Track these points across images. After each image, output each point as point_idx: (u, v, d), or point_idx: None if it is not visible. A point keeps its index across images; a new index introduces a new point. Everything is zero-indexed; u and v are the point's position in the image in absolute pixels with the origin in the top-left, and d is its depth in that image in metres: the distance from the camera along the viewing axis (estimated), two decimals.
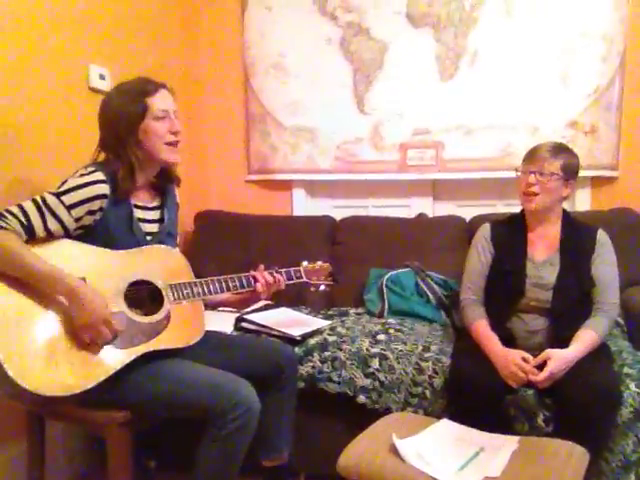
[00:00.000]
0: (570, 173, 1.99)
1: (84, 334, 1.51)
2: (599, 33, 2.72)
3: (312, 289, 2.05)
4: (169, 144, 1.72)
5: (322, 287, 2.06)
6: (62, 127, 2.24)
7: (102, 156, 1.74)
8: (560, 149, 1.99)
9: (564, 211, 2.08)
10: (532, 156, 2.00)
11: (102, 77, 2.43)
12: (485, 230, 2.15)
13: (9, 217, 1.51)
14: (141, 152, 1.70)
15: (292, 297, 2.60)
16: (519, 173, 2.04)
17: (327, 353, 2.09)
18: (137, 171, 1.70)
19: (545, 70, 2.78)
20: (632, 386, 1.79)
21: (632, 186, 2.79)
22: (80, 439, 2.27)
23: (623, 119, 2.76)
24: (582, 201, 2.88)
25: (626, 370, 1.87)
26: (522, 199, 2.02)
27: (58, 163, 2.18)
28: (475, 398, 1.77)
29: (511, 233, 2.09)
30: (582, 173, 2.74)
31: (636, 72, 2.75)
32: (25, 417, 1.80)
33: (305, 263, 2.04)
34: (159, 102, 1.70)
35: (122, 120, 1.67)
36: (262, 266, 1.91)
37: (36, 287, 1.50)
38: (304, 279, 2.00)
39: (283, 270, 1.95)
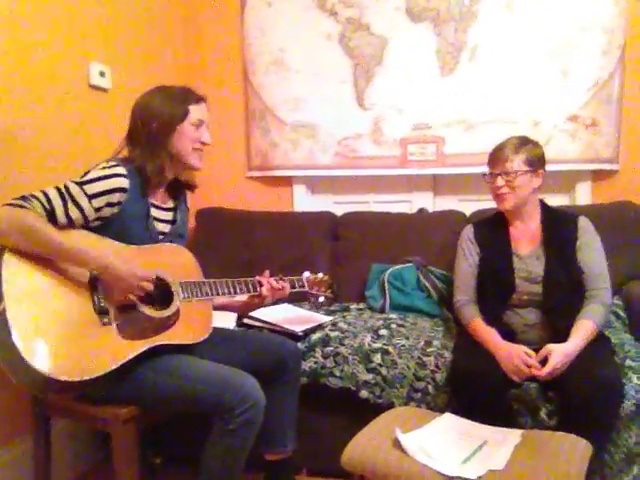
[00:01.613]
0: (536, 164, 2.00)
1: (131, 294, 1.59)
2: (599, 26, 2.71)
3: (311, 299, 2.11)
4: (195, 150, 1.79)
5: (321, 299, 2.11)
6: (62, 124, 2.24)
7: (123, 152, 1.78)
8: (520, 144, 2.00)
9: (542, 203, 2.09)
10: (495, 158, 2.02)
11: (102, 74, 2.44)
12: (468, 231, 2.17)
13: (33, 201, 1.53)
14: (170, 152, 1.75)
15: (294, 293, 2.60)
16: (486, 176, 2.05)
17: (329, 348, 2.10)
18: (167, 168, 1.76)
19: (545, 64, 2.77)
20: (635, 379, 1.79)
21: (633, 179, 2.79)
22: (86, 436, 2.28)
23: (624, 112, 2.75)
24: (583, 195, 2.88)
25: (628, 363, 1.87)
26: (495, 200, 2.05)
27: (59, 160, 2.18)
28: (477, 392, 1.78)
29: (493, 231, 2.11)
30: (583, 167, 2.79)
31: (636, 65, 2.74)
32: (31, 414, 1.80)
33: (307, 274, 2.09)
34: (198, 112, 1.78)
35: (162, 118, 1.72)
36: (267, 272, 1.96)
37: (58, 267, 1.53)
38: (306, 289, 2.06)
39: (287, 278, 2.00)
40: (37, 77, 2.14)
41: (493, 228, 2.13)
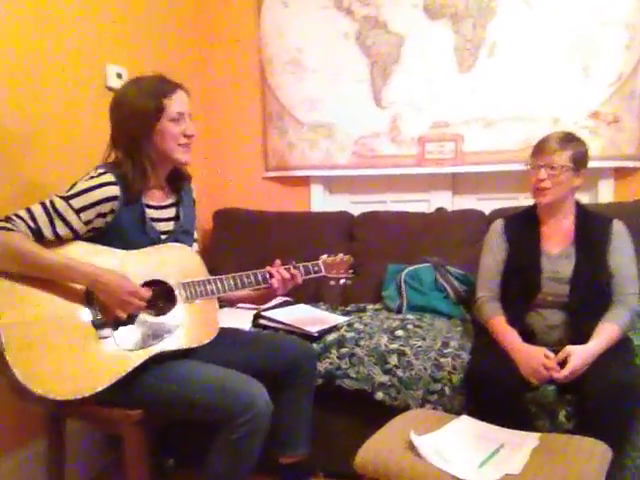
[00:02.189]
0: (580, 163, 1.95)
1: (119, 312, 1.54)
2: (621, 21, 2.64)
3: (332, 283, 2.02)
4: (181, 145, 1.71)
5: (342, 280, 2.03)
6: (79, 126, 2.26)
7: (113, 156, 1.73)
8: (568, 139, 1.96)
9: (577, 203, 2.04)
10: (541, 149, 1.96)
11: (119, 76, 2.45)
12: (498, 226, 2.12)
13: (17, 221, 1.51)
14: (154, 152, 1.69)
15: (310, 294, 2.59)
16: (529, 167, 2.00)
17: (345, 349, 2.08)
18: (149, 171, 1.68)
19: (566, 60, 2.72)
20: None
21: None
22: (99, 437, 2.29)
23: None
24: (605, 193, 2.81)
25: None
26: (533, 194, 2.00)
27: (74, 162, 2.19)
28: (495, 395, 1.74)
29: (524, 228, 2.06)
30: (605, 164, 2.73)
31: None
32: (44, 416, 1.82)
33: (325, 256, 2.00)
34: (175, 104, 1.68)
35: (137, 119, 1.65)
36: (278, 261, 1.89)
37: (50, 285, 1.51)
38: (323, 273, 1.97)
39: (301, 265, 1.92)
40: (54, 79, 2.16)
41: (524, 225, 2.07)
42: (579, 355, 1.73)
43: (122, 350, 1.55)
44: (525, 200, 2.84)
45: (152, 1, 2.73)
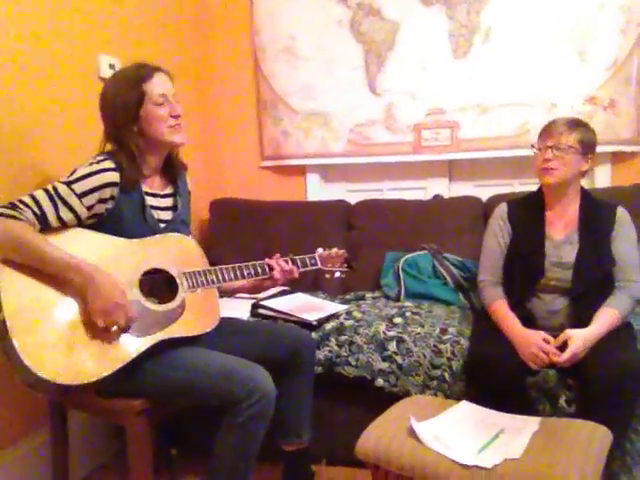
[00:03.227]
0: (588, 147, 1.94)
1: (98, 319, 1.51)
2: (616, 5, 2.63)
3: (327, 276, 2.05)
4: (171, 127, 1.70)
5: (337, 274, 2.06)
6: (72, 117, 2.24)
7: (108, 147, 1.73)
8: (576, 122, 1.96)
9: (582, 189, 2.04)
10: (548, 131, 1.96)
11: (112, 67, 2.42)
12: (502, 210, 2.11)
13: (22, 207, 1.51)
14: (143, 139, 1.69)
15: (308, 283, 2.59)
16: (535, 150, 2.00)
17: (344, 337, 2.08)
18: (141, 159, 1.69)
19: (561, 44, 2.71)
20: None
21: None
22: (103, 427, 2.29)
23: None
24: (602, 177, 2.82)
25: None
26: (540, 174, 1.98)
27: (68, 152, 2.18)
28: (495, 380, 1.75)
29: (529, 212, 2.06)
30: (602, 149, 2.70)
31: None
32: (48, 407, 1.82)
33: (320, 250, 2.03)
34: (156, 87, 1.67)
35: (119, 109, 1.66)
36: (278, 255, 1.92)
37: (52, 275, 1.51)
38: (319, 266, 2.00)
39: (297, 258, 1.95)
40: (47, 69, 2.14)
41: (528, 209, 2.07)
42: (579, 339, 1.74)
43: (126, 337, 1.55)
44: (520, 186, 2.87)
45: None
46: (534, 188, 2.12)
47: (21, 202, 1.53)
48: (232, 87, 3.19)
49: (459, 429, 1.52)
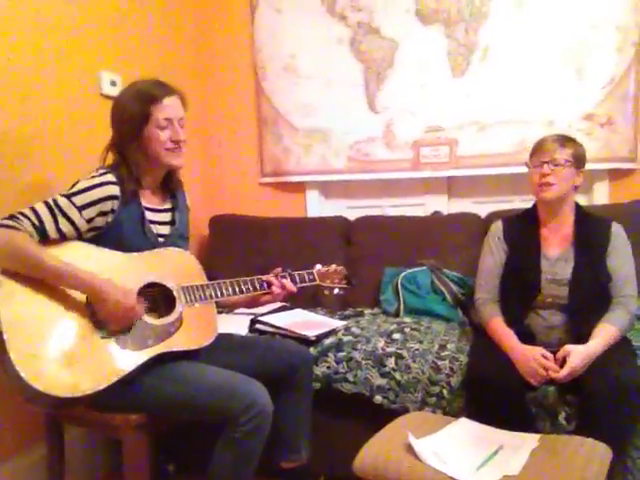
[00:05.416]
0: (580, 161, 1.98)
1: (112, 326, 1.53)
2: (613, 23, 2.66)
3: (326, 292, 2.05)
4: (169, 150, 1.72)
5: (336, 290, 2.05)
6: (73, 134, 2.26)
7: (109, 160, 1.75)
8: (567, 139, 1.99)
9: (577, 205, 2.05)
10: (542, 147, 1.99)
11: (113, 83, 2.45)
12: (497, 228, 2.12)
13: (21, 218, 1.53)
14: (143, 156, 1.72)
15: (307, 299, 2.58)
16: (529, 167, 2.02)
17: (342, 353, 2.08)
18: (139, 173, 1.72)
19: (559, 63, 2.73)
20: None
21: None
22: (99, 442, 2.28)
23: None
24: (600, 194, 2.82)
25: None
26: (536, 191, 1.99)
27: (70, 169, 2.19)
28: (494, 396, 1.74)
29: (524, 229, 2.07)
30: (600, 166, 2.73)
31: None
32: (44, 422, 1.81)
33: (319, 266, 2.03)
34: (163, 111, 1.69)
35: (125, 122, 1.69)
36: (279, 269, 1.92)
37: (53, 285, 1.52)
38: (317, 282, 2.00)
39: (296, 273, 1.95)
40: (49, 86, 2.16)
41: (524, 226, 2.08)
42: (578, 354, 1.74)
43: (123, 350, 1.55)
44: (521, 203, 2.86)
45: (146, 8, 2.73)
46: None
47: (20, 214, 1.54)
48: (233, 104, 3.21)
49: (458, 446, 1.51)
